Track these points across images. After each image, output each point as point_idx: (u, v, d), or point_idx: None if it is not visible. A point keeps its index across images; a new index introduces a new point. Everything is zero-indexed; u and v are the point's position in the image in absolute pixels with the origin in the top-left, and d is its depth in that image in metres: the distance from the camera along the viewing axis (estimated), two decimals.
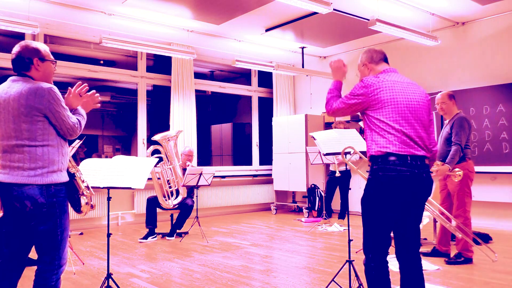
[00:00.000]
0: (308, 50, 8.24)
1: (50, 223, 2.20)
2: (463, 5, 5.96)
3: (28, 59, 2.26)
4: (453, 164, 4.06)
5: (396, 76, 2.47)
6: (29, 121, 2.16)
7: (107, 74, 7.33)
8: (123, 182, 3.00)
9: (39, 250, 2.24)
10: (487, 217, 6.33)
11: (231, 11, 6.11)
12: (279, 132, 8.57)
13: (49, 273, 2.22)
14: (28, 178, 2.15)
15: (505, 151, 6.06)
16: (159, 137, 5.71)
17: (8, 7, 5.67)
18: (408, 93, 2.41)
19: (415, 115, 2.39)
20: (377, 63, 2.57)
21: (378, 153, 2.35)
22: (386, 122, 2.35)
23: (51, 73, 2.35)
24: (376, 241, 2.39)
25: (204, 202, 7.88)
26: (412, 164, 2.31)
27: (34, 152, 2.17)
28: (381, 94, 2.37)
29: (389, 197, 2.33)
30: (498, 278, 3.68)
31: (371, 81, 2.42)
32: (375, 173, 2.36)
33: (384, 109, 2.36)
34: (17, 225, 2.26)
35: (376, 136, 2.38)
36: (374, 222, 2.40)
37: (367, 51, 2.61)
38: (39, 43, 2.34)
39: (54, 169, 2.21)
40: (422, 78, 7.19)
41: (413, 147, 2.34)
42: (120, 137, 10.41)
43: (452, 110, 4.28)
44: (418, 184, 2.34)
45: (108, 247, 3.14)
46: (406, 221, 2.43)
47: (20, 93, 2.17)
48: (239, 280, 3.72)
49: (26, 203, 2.15)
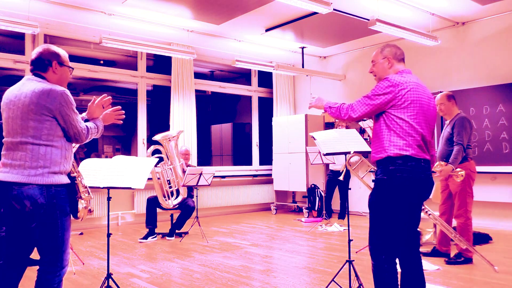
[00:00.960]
0: (308, 50, 8.24)
1: (51, 224, 2.18)
2: (463, 5, 5.96)
3: (48, 61, 2.31)
4: (456, 164, 4.05)
5: (414, 78, 2.48)
6: (37, 119, 2.17)
7: (107, 74, 7.33)
8: (123, 182, 3.00)
9: (41, 251, 2.23)
10: (487, 217, 6.33)
11: (231, 11, 6.11)
12: (279, 132, 8.57)
13: (51, 275, 2.21)
14: (28, 177, 2.13)
15: (505, 151, 6.06)
16: (160, 137, 5.71)
17: (8, 7, 5.67)
18: (425, 96, 2.44)
19: (429, 119, 2.43)
20: (399, 61, 2.55)
21: (397, 154, 2.34)
22: (410, 123, 2.35)
23: (67, 78, 2.40)
24: (389, 242, 2.38)
25: (204, 202, 7.88)
26: (425, 167, 2.38)
27: (37, 151, 2.16)
28: (408, 93, 2.36)
29: (405, 199, 2.36)
30: (498, 278, 3.68)
31: (398, 79, 2.40)
32: (392, 174, 2.34)
33: (409, 109, 2.35)
34: (17, 226, 2.24)
35: (394, 137, 2.37)
36: (388, 223, 2.38)
37: (391, 46, 2.57)
38: (60, 49, 2.40)
39: (55, 170, 2.20)
40: (422, 78, 7.15)
41: (425, 151, 2.40)
42: (120, 137, 10.41)
43: (452, 110, 4.28)
44: (427, 186, 2.42)
45: (108, 247, 3.14)
46: (411, 222, 2.45)
47: (33, 91, 2.19)
48: (239, 280, 3.72)
49: (26, 203, 2.13)
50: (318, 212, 7.61)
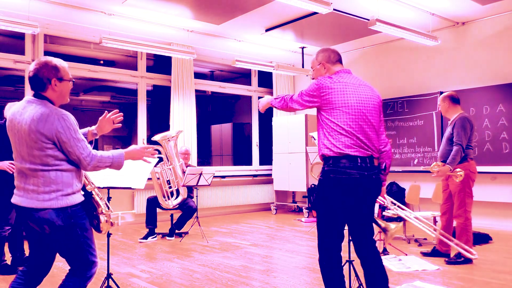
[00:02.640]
0: (308, 50, 8.24)
1: (72, 243, 2.18)
2: (463, 5, 5.96)
3: (46, 79, 2.16)
4: (454, 164, 4.05)
5: (349, 78, 2.52)
6: (39, 147, 2.10)
7: (107, 74, 7.33)
8: (123, 182, 3.00)
9: (67, 261, 2.25)
10: (487, 217, 6.33)
11: (231, 11, 6.11)
12: (279, 132, 8.57)
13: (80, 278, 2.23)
14: (43, 203, 2.11)
15: (505, 151, 6.06)
16: (159, 137, 5.71)
17: (8, 7, 5.67)
18: (360, 95, 2.47)
19: (365, 117, 2.45)
20: (334, 64, 2.62)
21: (330, 154, 2.42)
22: (337, 123, 2.41)
23: (68, 92, 2.27)
24: (328, 239, 2.48)
25: (204, 202, 7.88)
26: (362, 166, 2.39)
27: (48, 176, 2.11)
28: (332, 95, 2.43)
29: (339, 198, 2.42)
30: (498, 278, 3.68)
31: (324, 82, 2.47)
32: (326, 174, 2.43)
33: (335, 110, 2.42)
34: (40, 245, 2.28)
35: (327, 137, 2.45)
36: (326, 222, 2.48)
37: (325, 50, 2.65)
38: (58, 60, 2.23)
39: (68, 192, 2.16)
40: (422, 78, 7.19)
41: (363, 148, 2.41)
42: (120, 137, 10.40)
43: (453, 110, 4.29)
44: (367, 185, 2.43)
45: (108, 247, 3.14)
46: (358, 220, 2.53)
47: (32, 118, 2.10)
48: (239, 280, 3.72)
49: (45, 227, 2.12)
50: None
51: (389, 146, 2.62)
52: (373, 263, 2.52)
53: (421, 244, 5.05)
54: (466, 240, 4.13)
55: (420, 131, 7.00)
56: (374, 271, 2.51)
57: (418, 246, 4.99)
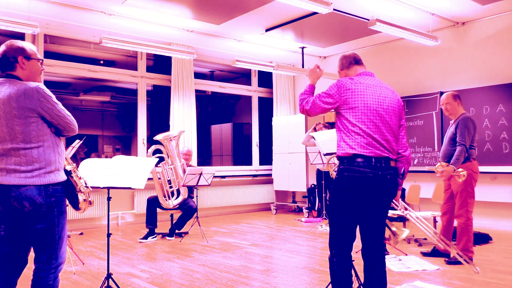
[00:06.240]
0: (308, 50, 8.24)
1: (48, 222, 2.21)
2: (463, 5, 5.96)
3: (13, 58, 2.25)
4: (458, 164, 4.05)
5: (371, 80, 2.55)
6: (23, 123, 2.15)
7: (107, 74, 7.33)
8: (123, 182, 3.00)
9: (37, 249, 2.25)
10: (487, 217, 6.33)
11: (231, 11, 6.11)
12: (279, 132, 8.57)
13: (46, 272, 2.23)
14: (25, 180, 2.14)
15: (505, 151, 6.06)
16: (161, 137, 5.71)
17: (8, 7, 5.67)
18: (379, 97, 2.49)
19: (383, 119, 2.46)
20: (348, 68, 2.67)
21: (345, 154, 2.45)
22: (354, 123, 2.44)
23: (38, 71, 2.33)
24: (339, 237, 2.51)
25: (204, 202, 7.88)
26: (376, 166, 2.40)
27: (30, 155, 2.16)
28: (351, 96, 2.46)
29: (352, 197, 2.44)
30: (498, 278, 3.68)
31: (343, 82, 2.51)
32: (341, 173, 2.46)
33: (354, 110, 2.45)
34: (15, 224, 2.26)
35: (344, 137, 2.47)
36: (338, 220, 2.50)
37: (339, 59, 2.73)
38: (25, 43, 2.32)
39: (51, 169, 2.21)
40: (422, 78, 7.19)
41: (378, 149, 2.42)
42: (120, 137, 10.41)
43: (457, 110, 4.27)
44: (381, 185, 2.43)
45: (108, 247, 3.14)
46: (370, 221, 2.52)
47: (9, 95, 2.15)
48: (239, 280, 3.72)
49: (25, 203, 2.15)
50: (318, 212, 7.61)
51: (409, 152, 2.60)
52: (375, 270, 2.52)
53: (421, 244, 5.05)
54: (467, 240, 4.13)
55: (420, 131, 7.00)
56: (377, 276, 2.51)
57: (418, 246, 4.99)
